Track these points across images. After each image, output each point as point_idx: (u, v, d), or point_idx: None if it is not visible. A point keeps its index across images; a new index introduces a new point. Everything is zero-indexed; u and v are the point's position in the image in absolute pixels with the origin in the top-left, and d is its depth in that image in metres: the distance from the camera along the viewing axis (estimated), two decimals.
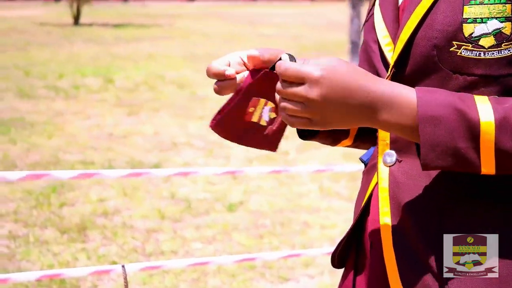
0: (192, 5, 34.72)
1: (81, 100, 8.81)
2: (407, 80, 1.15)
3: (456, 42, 1.09)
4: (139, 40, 16.20)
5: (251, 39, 16.66)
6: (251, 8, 32.36)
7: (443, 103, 1.04)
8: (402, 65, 1.16)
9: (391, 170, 1.19)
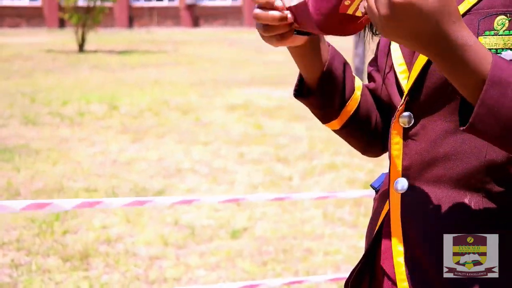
0: (197, 31, 34.90)
1: (86, 126, 8.83)
2: (421, 108, 1.17)
3: None
4: (145, 66, 16.28)
5: (258, 65, 16.73)
6: (256, 34, 32.48)
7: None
8: (417, 93, 1.17)
9: (403, 198, 1.19)
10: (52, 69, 15.41)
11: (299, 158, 7.10)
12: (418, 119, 1.19)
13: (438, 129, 1.16)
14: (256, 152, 7.35)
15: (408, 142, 1.20)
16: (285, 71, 14.88)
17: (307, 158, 7.08)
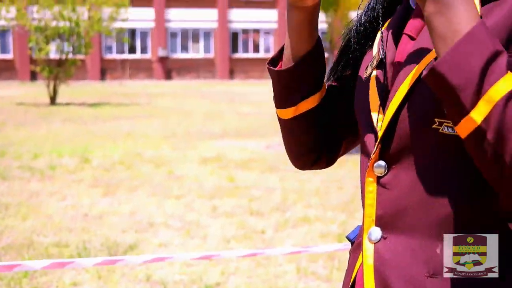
0: (170, 84, 35.06)
1: (57, 180, 8.73)
2: (394, 156, 1.18)
3: (438, 119, 1.11)
4: (117, 119, 16.24)
5: (230, 117, 16.78)
6: (228, 86, 32.76)
7: (493, 41, 1.01)
8: (388, 140, 1.18)
9: (376, 247, 1.19)
10: (24, 122, 15.31)
11: (272, 210, 7.08)
12: (390, 167, 1.19)
13: (410, 178, 1.16)
14: (229, 205, 7.32)
15: (381, 191, 1.20)
16: (257, 123, 14.94)
17: (280, 210, 7.06)
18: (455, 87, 1.00)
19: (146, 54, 38.81)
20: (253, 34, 40.85)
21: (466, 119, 1.00)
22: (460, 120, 1.01)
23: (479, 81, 0.98)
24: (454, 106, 1.01)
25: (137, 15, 36.05)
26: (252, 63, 40.30)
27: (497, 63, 0.99)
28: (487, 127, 0.98)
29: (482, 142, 0.99)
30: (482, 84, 0.98)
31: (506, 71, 0.98)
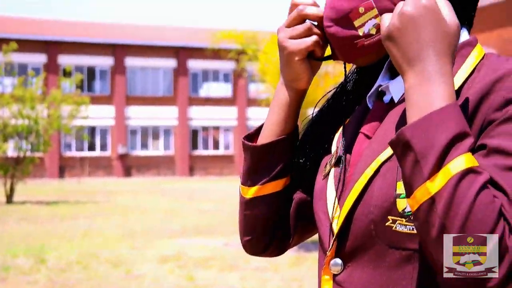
0: (129, 181, 34.88)
1: (10, 282, 8.46)
2: (348, 252, 1.20)
3: (391, 217, 1.14)
4: (74, 218, 15.98)
5: (190, 214, 16.65)
6: (188, 183, 32.69)
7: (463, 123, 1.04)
8: (344, 238, 1.20)
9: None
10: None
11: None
12: (346, 264, 1.20)
13: (365, 276, 1.17)
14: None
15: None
16: (217, 220, 14.83)
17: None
18: (418, 153, 1.02)
19: (105, 151, 38.72)
20: (213, 131, 41.19)
21: (421, 188, 1.02)
22: (415, 188, 1.02)
23: (442, 154, 1.01)
24: (413, 173, 1.03)
25: (97, 112, 36.18)
26: (212, 160, 40.45)
27: (462, 142, 1.02)
28: (439, 199, 1.00)
29: (432, 214, 1.01)
30: (444, 157, 1.01)
31: (468, 151, 1.02)
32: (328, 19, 1.27)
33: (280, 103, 1.39)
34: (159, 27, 43.58)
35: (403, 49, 1.09)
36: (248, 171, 1.42)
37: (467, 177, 1.00)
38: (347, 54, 1.28)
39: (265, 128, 1.41)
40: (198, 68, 40.62)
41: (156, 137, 39.90)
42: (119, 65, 38.74)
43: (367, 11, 1.24)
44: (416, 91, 1.07)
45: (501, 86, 1.11)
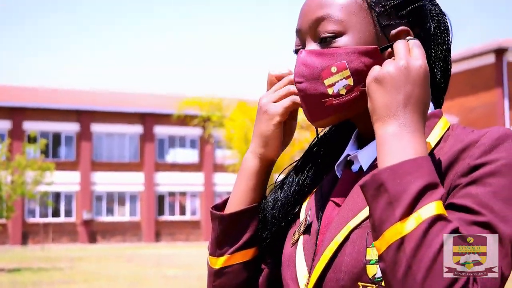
0: (94, 247, 34.37)
1: None
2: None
3: (361, 283, 1.16)
4: (37, 285, 15.63)
5: (157, 280, 16.40)
6: (155, 249, 32.29)
7: (435, 175, 1.09)
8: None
9: None
10: None
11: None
12: None
13: None
14: None
15: None
16: (184, 286, 14.62)
17: None
18: (392, 196, 1.06)
19: (70, 217, 38.20)
20: (180, 197, 40.97)
21: (392, 229, 1.05)
22: (386, 229, 1.06)
23: (415, 199, 1.05)
24: (385, 214, 1.06)
25: (62, 178, 35.83)
26: (179, 226, 40.11)
27: (434, 191, 1.06)
28: (409, 241, 1.03)
29: (400, 254, 1.04)
30: (417, 202, 1.05)
31: (439, 200, 1.06)
32: (299, 75, 1.28)
33: (248, 172, 1.41)
34: (125, 93, 43.73)
35: (390, 96, 1.14)
36: (216, 240, 1.41)
37: (437, 223, 1.04)
38: (314, 112, 1.28)
39: (233, 197, 1.42)
40: (165, 134, 40.66)
41: (122, 202, 39.54)
42: (85, 131, 38.62)
43: (339, 71, 1.25)
44: (395, 139, 1.12)
45: (466, 154, 1.17)
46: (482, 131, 1.21)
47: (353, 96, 1.25)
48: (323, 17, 1.27)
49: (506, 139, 1.17)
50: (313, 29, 1.29)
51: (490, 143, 1.16)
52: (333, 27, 1.26)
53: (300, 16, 1.33)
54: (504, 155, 1.15)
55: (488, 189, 1.13)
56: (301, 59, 1.28)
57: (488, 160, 1.15)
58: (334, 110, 1.26)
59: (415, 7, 1.30)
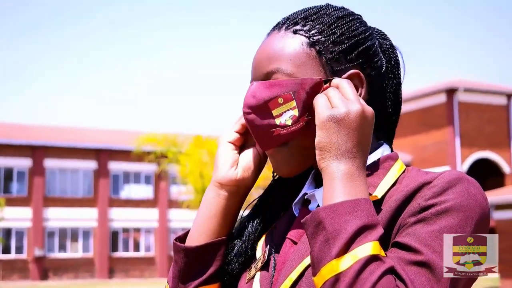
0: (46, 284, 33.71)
1: None
2: None
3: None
4: None
5: None
6: (108, 286, 31.81)
7: (376, 216, 1.15)
8: None
9: None
10: None
11: None
12: None
13: None
14: None
15: None
16: None
17: None
18: (329, 233, 1.12)
19: (21, 254, 37.43)
20: (134, 233, 40.55)
21: (327, 266, 1.10)
22: (322, 266, 1.11)
23: (352, 238, 1.11)
24: (322, 251, 1.11)
25: (13, 214, 35.21)
26: (133, 262, 39.59)
27: (371, 232, 1.12)
28: (343, 279, 1.08)
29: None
30: (353, 241, 1.10)
31: (376, 240, 1.11)
32: (247, 106, 1.31)
33: (218, 208, 1.41)
34: (79, 128, 43.37)
35: (345, 137, 1.19)
36: (179, 274, 1.39)
37: (372, 263, 1.08)
38: (263, 141, 1.31)
39: (197, 232, 1.40)
40: (119, 169, 40.34)
41: (75, 238, 38.93)
42: (37, 166, 38.09)
43: (285, 102, 1.28)
44: (345, 179, 1.17)
45: (419, 195, 1.21)
46: (436, 173, 1.24)
47: (299, 126, 1.28)
48: (273, 72, 1.30)
49: (458, 182, 1.20)
50: None
51: (442, 185, 1.19)
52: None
53: (252, 69, 1.36)
54: (453, 197, 1.17)
55: (433, 228, 1.15)
56: (250, 91, 1.31)
57: (437, 202, 1.18)
58: (282, 139, 1.29)
59: (363, 48, 1.32)
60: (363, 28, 1.35)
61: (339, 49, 1.30)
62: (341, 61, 1.30)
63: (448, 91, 35.10)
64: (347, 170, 1.17)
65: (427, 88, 36.35)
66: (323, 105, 1.23)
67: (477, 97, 35.91)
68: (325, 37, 1.31)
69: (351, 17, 1.35)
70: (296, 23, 1.33)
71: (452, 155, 34.83)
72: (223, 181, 1.39)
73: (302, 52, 1.30)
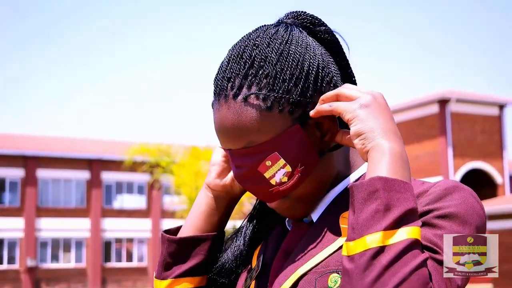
0: None
1: None
2: None
3: None
4: None
5: None
6: None
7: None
8: None
9: None
10: None
11: None
12: None
13: None
14: None
15: None
16: None
17: None
18: (384, 204, 1.10)
19: (13, 264, 37.27)
20: (127, 243, 40.44)
21: (376, 235, 1.08)
22: (367, 233, 1.09)
23: (403, 216, 1.10)
24: (371, 219, 1.10)
25: (5, 224, 35.10)
26: (126, 272, 39.48)
27: (417, 218, 1.12)
28: (389, 253, 1.07)
29: (375, 262, 1.07)
30: (403, 220, 1.10)
31: (420, 226, 1.11)
32: (237, 176, 1.31)
33: (209, 207, 1.45)
34: (72, 139, 43.29)
35: (383, 118, 1.20)
36: (163, 263, 1.44)
37: (417, 248, 1.08)
38: (266, 199, 1.32)
39: (187, 226, 1.46)
40: (112, 180, 40.27)
41: (68, 249, 38.80)
42: (30, 177, 37.99)
43: (274, 163, 1.26)
44: (397, 157, 1.16)
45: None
46: (432, 183, 1.25)
47: (296, 179, 1.27)
48: (247, 145, 1.27)
49: (454, 190, 1.21)
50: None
51: (439, 193, 1.21)
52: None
53: (221, 141, 1.32)
54: (451, 204, 1.19)
55: (436, 232, 1.16)
56: (234, 162, 1.30)
57: (436, 207, 1.19)
58: (282, 194, 1.29)
59: (315, 77, 1.28)
60: (303, 55, 1.29)
61: (296, 94, 1.26)
62: (302, 102, 1.27)
63: (440, 101, 35.20)
64: (396, 148, 1.17)
65: (419, 99, 36.44)
66: (345, 103, 1.23)
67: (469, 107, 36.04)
68: (278, 91, 1.25)
69: (287, 46, 1.28)
70: (240, 87, 1.27)
71: (445, 165, 34.91)
72: (211, 186, 1.45)
73: (264, 117, 1.25)
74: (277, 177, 1.27)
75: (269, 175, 1.27)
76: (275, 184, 1.28)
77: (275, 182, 1.27)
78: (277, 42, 1.28)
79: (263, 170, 1.27)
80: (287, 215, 1.35)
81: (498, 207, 24.38)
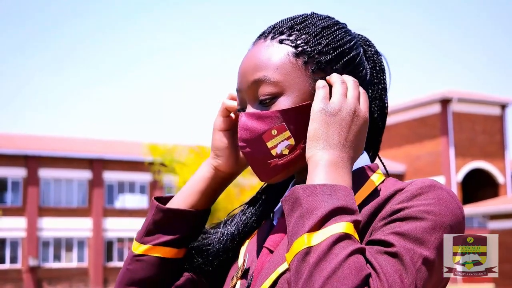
0: None
1: None
2: None
3: None
4: None
5: None
6: None
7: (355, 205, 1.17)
8: None
9: None
10: None
11: None
12: None
13: None
14: None
15: None
16: None
17: None
18: (305, 209, 1.15)
19: (15, 264, 37.31)
20: (128, 243, 40.47)
21: (300, 239, 1.12)
22: (295, 239, 1.13)
23: (326, 216, 1.13)
24: (296, 227, 1.14)
25: (7, 224, 35.13)
26: None
27: (348, 215, 1.14)
28: (314, 253, 1.10)
29: (303, 264, 1.11)
30: (327, 220, 1.13)
31: (351, 222, 1.14)
32: (242, 139, 1.32)
33: (198, 176, 1.49)
34: (73, 138, 43.31)
35: (334, 130, 1.23)
36: (145, 228, 1.47)
37: (345, 240, 1.11)
38: (261, 172, 1.33)
39: (178, 196, 1.49)
40: (114, 179, 40.29)
41: (70, 248, 38.83)
42: (32, 176, 38.01)
43: (280, 133, 1.29)
44: (329, 167, 1.20)
45: (391, 201, 1.23)
46: (409, 181, 1.26)
47: (296, 154, 1.30)
48: (260, 80, 1.31)
49: (430, 189, 1.21)
50: (251, 90, 1.33)
51: (414, 191, 1.21)
52: (270, 89, 1.30)
53: (238, 76, 1.37)
54: (424, 203, 1.19)
55: (402, 229, 1.16)
56: (242, 124, 1.32)
57: (408, 206, 1.19)
58: (280, 169, 1.31)
59: (348, 59, 1.34)
60: (348, 37, 1.37)
61: (324, 59, 1.32)
62: (326, 71, 1.32)
63: (442, 101, 35.22)
64: (331, 159, 1.21)
65: (421, 98, 36.46)
66: (321, 97, 1.27)
67: (471, 107, 36.06)
68: (311, 47, 1.32)
69: (336, 26, 1.37)
70: (282, 33, 1.35)
71: (446, 165, 34.92)
72: (221, 167, 1.47)
73: (288, 62, 1.31)
74: (279, 148, 1.29)
75: (272, 145, 1.30)
76: (275, 155, 1.30)
77: (276, 153, 1.30)
78: (332, 21, 1.39)
79: (267, 138, 1.30)
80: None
81: (500, 207, 24.37)
